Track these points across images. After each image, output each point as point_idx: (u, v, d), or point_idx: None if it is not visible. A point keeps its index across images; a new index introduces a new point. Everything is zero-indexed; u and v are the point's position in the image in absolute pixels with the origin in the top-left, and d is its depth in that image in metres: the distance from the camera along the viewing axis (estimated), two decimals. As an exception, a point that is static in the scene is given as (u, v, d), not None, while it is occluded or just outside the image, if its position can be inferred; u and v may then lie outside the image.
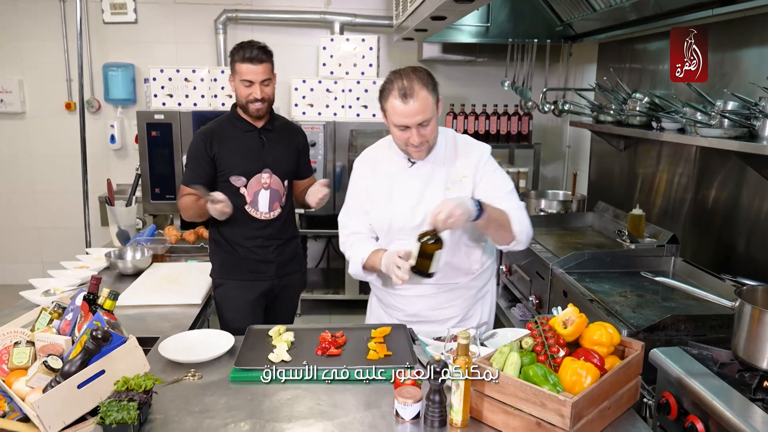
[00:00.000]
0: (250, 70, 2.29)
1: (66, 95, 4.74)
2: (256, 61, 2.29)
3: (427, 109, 1.83)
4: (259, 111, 2.37)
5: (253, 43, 2.34)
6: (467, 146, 2.03)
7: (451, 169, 1.98)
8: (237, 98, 2.40)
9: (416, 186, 1.98)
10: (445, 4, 2.36)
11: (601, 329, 1.58)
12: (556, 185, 4.91)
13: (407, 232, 1.97)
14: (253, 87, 2.32)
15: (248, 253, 2.45)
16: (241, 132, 2.42)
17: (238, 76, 2.32)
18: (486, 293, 2.18)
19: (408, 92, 1.80)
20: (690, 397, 1.57)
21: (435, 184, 1.98)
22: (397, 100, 1.82)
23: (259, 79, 2.31)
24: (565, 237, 3.17)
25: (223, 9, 4.59)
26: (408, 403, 1.48)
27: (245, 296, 2.44)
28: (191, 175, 2.39)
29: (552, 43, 4.20)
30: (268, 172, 2.43)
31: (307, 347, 1.84)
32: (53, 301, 1.89)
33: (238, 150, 2.41)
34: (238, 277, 2.45)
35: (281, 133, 2.51)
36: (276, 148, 2.46)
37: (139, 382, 1.49)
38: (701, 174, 2.92)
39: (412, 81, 1.81)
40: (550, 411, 1.35)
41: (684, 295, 2.31)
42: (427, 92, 1.82)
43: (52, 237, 4.98)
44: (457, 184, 1.97)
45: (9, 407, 1.58)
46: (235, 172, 2.40)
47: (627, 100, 3.26)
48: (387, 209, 2.02)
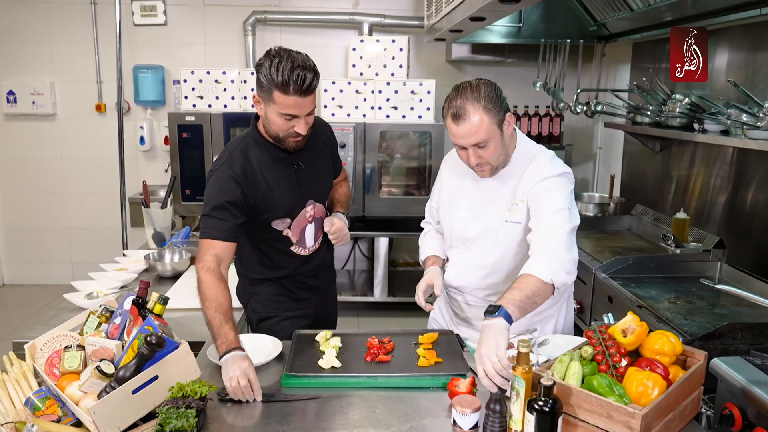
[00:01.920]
0: (296, 105, 1.79)
1: (96, 97, 4.77)
2: (306, 93, 1.78)
3: (482, 130, 1.72)
4: (298, 144, 1.92)
5: (302, 63, 1.77)
6: (539, 166, 1.86)
7: (519, 188, 1.87)
8: (267, 126, 1.90)
9: (480, 199, 1.93)
10: (488, 4, 2.32)
11: (663, 338, 1.53)
12: (585, 187, 4.85)
13: (463, 242, 1.96)
14: (296, 120, 1.83)
15: (293, 284, 2.15)
16: (273, 163, 1.96)
17: (276, 107, 1.80)
18: (563, 293, 1.96)
19: (460, 113, 1.72)
20: (756, 408, 1.52)
21: (498, 202, 1.90)
22: (450, 120, 1.76)
23: (305, 113, 1.83)
24: (604, 240, 3.12)
25: (252, 11, 4.59)
26: (466, 412, 1.45)
27: (293, 326, 2.07)
28: (218, 226, 1.86)
29: (585, 44, 4.14)
30: (311, 204, 2.05)
31: (356, 353, 1.82)
32: (101, 304, 1.89)
33: (278, 187, 1.96)
34: (285, 309, 2.16)
35: (312, 145, 2.04)
36: (314, 171, 2.06)
37: (195, 388, 1.48)
38: (739, 176, 2.86)
39: (466, 102, 1.72)
40: (617, 423, 1.31)
41: (733, 301, 2.26)
42: (483, 113, 1.71)
43: (83, 238, 5.03)
44: (516, 207, 1.87)
45: (62, 411, 1.58)
46: (278, 215, 1.98)
47: (666, 101, 3.20)
48: (449, 216, 2.00)
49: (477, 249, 1.96)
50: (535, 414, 1.36)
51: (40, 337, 1.79)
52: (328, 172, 2.19)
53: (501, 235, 1.91)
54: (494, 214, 1.90)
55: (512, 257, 1.92)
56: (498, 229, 1.91)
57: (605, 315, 1.83)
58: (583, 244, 3.03)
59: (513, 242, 1.90)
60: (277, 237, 2.03)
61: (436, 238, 2.14)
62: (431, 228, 2.18)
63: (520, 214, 1.87)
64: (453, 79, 4.85)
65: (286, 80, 1.74)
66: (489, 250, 1.94)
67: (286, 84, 1.75)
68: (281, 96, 1.77)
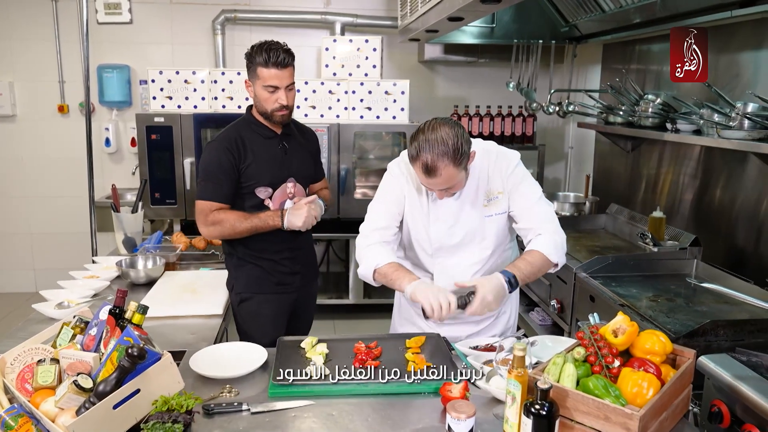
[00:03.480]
0: (275, 75, 2.14)
1: (59, 97, 4.60)
2: (282, 65, 2.14)
3: (451, 179, 1.81)
4: (284, 118, 2.24)
5: (277, 44, 2.17)
6: (500, 160, 1.98)
7: (488, 185, 1.96)
8: (257, 104, 2.24)
9: (450, 205, 1.96)
10: (469, 5, 2.31)
11: (653, 338, 1.54)
12: (558, 187, 4.90)
13: (447, 250, 1.99)
14: (278, 93, 2.17)
15: (275, 266, 2.33)
16: (263, 139, 2.27)
17: (260, 81, 2.16)
18: (514, 298, 2.18)
19: (431, 168, 1.76)
20: (745, 404, 1.54)
21: (470, 202, 1.96)
22: (420, 170, 1.79)
23: (284, 84, 2.17)
24: (581, 240, 3.15)
25: (221, 9, 4.49)
26: (461, 417, 1.42)
27: (273, 310, 2.34)
28: (217, 189, 2.20)
29: (556, 44, 4.18)
30: (292, 181, 2.32)
31: (343, 359, 1.78)
32: (74, 315, 1.81)
33: (263, 159, 2.25)
34: (266, 290, 2.33)
35: (299, 138, 2.40)
36: (297, 155, 2.35)
37: (180, 401, 1.42)
38: (707, 174, 2.93)
39: (436, 158, 1.74)
40: (614, 425, 1.31)
41: (712, 299, 2.30)
42: (452, 167, 1.77)
43: (46, 244, 4.84)
44: (494, 201, 1.96)
45: (37, 429, 1.50)
46: (262, 182, 2.25)
47: (639, 101, 3.25)
48: (421, 229, 2.01)
49: (467, 250, 1.99)
50: (532, 418, 1.35)
51: (10, 350, 1.69)
52: (309, 166, 2.43)
53: (487, 231, 1.99)
54: (471, 215, 1.96)
55: (507, 243, 2.06)
56: (481, 226, 1.98)
57: (591, 315, 1.83)
58: (560, 243, 3.05)
59: (503, 231, 2.01)
60: (259, 208, 2.27)
61: (390, 248, 2.01)
62: (384, 235, 2.01)
63: (502, 206, 1.97)
64: (425, 79, 4.85)
65: (266, 56, 2.14)
66: (480, 246, 1.99)
67: (266, 60, 2.14)
68: (263, 70, 2.15)
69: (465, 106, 4.49)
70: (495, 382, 1.62)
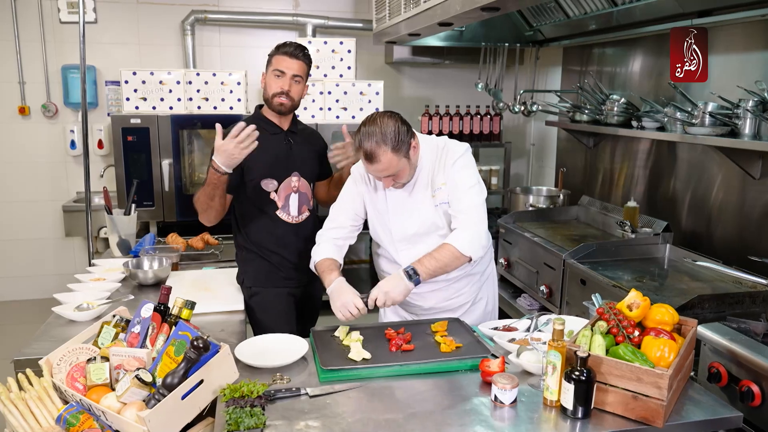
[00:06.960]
0: (284, 62, 2.30)
1: (19, 99, 4.44)
2: (293, 56, 2.31)
3: (391, 167, 1.96)
4: (282, 106, 2.34)
5: (295, 42, 2.37)
6: (445, 153, 2.12)
7: (434, 177, 2.11)
8: (264, 94, 2.37)
9: (402, 198, 2.13)
10: (466, 12, 2.46)
11: (662, 310, 1.75)
12: (520, 181, 5.17)
13: (409, 240, 2.15)
14: (283, 79, 2.30)
15: (282, 260, 2.44)
16: (269, 134, 2.37)
17: (271, 67, 2.32)
18: (489, 275, 2.37)
19: (370, 156, 1.93)
20: (742, 364, 1.77)
21: (419, 192, 2.12)
22: (362, 158, 1.97)
23: (291, 73, 2.30)
24: (558, 230, 3.38)
25: (191, 10, 4.46)
26: (507, 387, 1.58)
27: (282, 303, 2.44)
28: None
29: (521, 47, 4.43)
30: (297, 176, 2.43)
31: (379, 345, 1.89)
32: (113, 314, 1.84)
33: (269, 153, 2.36)
34: (274, 284, 2.44)
35: (305, 137, 2.53)
36: (302, 151, 2.48)
37: (250, 387, 1.50)
38: (665, 167, 3.24)
39: (374, 146, 1.91)
40: (646, 384, 1.49)
41: (688, 277, 2.56)
42: (391, 154, 1.92)
43: (7, 249, 4.64)
44: (438, 191, 2.11)
45: (99, 425, 1.54)
46: (267, 175, 2.38)
47: (605, 100, 3.52)
48: (383, 226, 2.18)
49: (427, 239, 2.14)
50: (573, 383, 1.51)
51: (53, 352, 1.71)
52: (315, 164, 2.55)
53: (439, 218, 2.13)
54: (425, 204, 2.12)
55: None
56: (434, 215, 2.13)
57: (593, 295, 2.02)
58: (538, 232, 3.28)
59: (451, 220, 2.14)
60: (266, 201, 2.40)
61: (335, 244, 2.23)
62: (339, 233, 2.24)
63: (445, 195, 2.11)
64: (393, 80, 4.99)
65: (281, 46, 2.35)
66: (438, 235, 2.14)
67: (281, 48, 2.34)
68: (275, 57, 2.33)
69: (435, 105, 4.67)
70: (525, 357, 1.78)
